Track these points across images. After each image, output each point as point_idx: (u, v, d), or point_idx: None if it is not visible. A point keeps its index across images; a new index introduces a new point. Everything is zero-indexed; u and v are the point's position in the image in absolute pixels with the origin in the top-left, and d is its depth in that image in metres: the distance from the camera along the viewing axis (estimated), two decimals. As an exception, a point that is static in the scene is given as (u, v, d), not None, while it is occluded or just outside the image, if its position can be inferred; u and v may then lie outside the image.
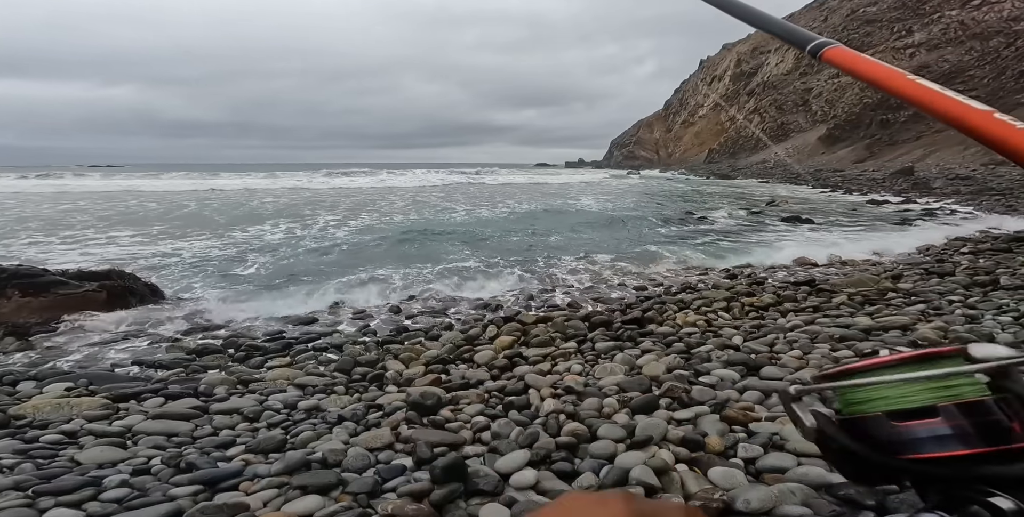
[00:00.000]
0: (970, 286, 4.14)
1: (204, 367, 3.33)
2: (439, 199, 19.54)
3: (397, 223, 11.32)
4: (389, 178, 35.11)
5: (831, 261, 6.13)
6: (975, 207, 10.22)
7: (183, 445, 2.14)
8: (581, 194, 21.51)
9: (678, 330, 3.33)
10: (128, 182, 28.88)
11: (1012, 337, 2.71)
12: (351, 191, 23.97)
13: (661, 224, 10.63)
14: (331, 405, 2.54)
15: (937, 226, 8.50)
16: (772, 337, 3.02)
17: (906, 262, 5.74)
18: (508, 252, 7.28)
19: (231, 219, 12.04)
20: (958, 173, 19.08)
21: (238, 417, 2.46)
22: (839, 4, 63.21)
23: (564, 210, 14.47)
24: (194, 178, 34.87)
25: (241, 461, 1.94)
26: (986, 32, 40.12)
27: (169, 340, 3.85)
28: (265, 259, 7.09)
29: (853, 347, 2.75)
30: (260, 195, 20.59)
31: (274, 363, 3.33)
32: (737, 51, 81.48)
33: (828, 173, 28.46)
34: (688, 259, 6.56)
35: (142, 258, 7.13)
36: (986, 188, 12.85)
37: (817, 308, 3.73)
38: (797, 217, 10.23)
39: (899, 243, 6.92)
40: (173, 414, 2.45)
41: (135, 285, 4.76)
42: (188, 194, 20.96)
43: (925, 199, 12.81)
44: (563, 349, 3.08)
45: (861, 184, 19.54)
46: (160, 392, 2.76)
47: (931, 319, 3.18)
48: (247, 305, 4.82)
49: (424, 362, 3.02)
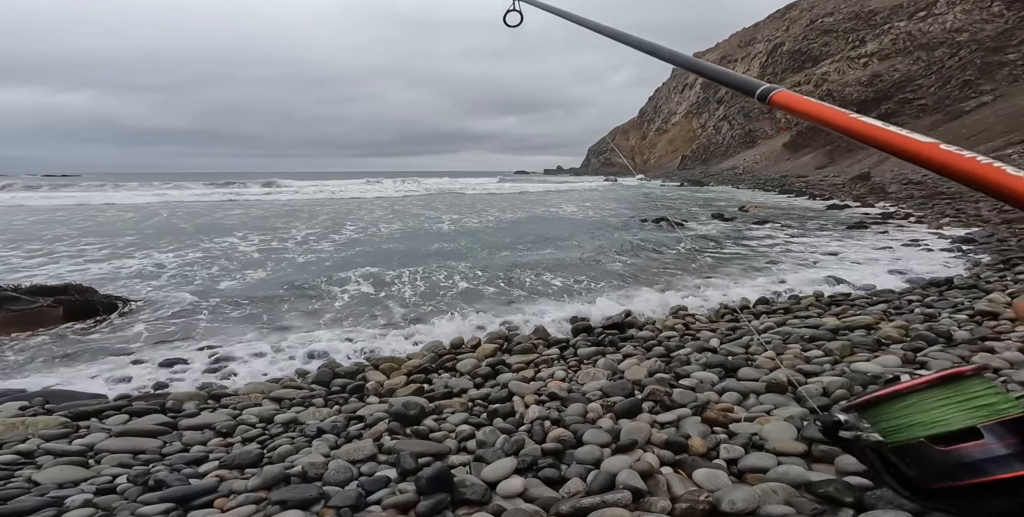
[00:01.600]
0: (927, 286, 4.37)
1: (171, 381, 3.20)
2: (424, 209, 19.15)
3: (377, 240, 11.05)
4: (367, 188, 31.57)
5: (801, 263, 6.37)
6: (928, 211, 10.82)
7: (151, 462, 2.06)
8: (563, 202, 21.51)
9: (658, 334, 3.39)
10: (84, 194, 24.71)
11: (968, 334, 2.87)
12: (322, 202, 22.17)
13: (639, 232, 10.82)
14: (310, 418, 2.47)
15: (893, 230, 8.96)
16: (747, 339, 3.11)
17: (873, 263, 6.02)
18: (496, 267, 7.12)
19: (198, 229, 11.54)
20: (911, 178, 20.18)
21: (210, 432, 2.37)
22: (799, 15, 66.41)
23: (548, 218, 14.44)
24: (157, 187, 31.26)
25: (215, 477, 1.88)
26: (931, 43, 42.79)
27: (132, 355, 3.68)
28: (239, 271, 6.85)
29: (823, 347, 2.86)
30: (227, 206, 19.63)
31: (246, 375, 3.22)
32: (707, 59, 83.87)
33: (793, 179, 29.68)
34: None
35: (102, 271, 6.79)
36: (936, 192, 13.63)
37: (788, 309, 3.87)
38: (767, 221, 10.64)
39: (859, 245, 7.25)
40: (139, 431, 2.35)
41: (94, 299, 4.53)
42: (151, 207, 19.10)
43: (882, 203, 13.50)
44: (546, 355, 3.09)
45: (823, 189, 20.42)
46: (123, 409, 2.64)
47: (893, 318, 3.34)
48: (218, 317, 4.66)
49: (406, 372, 2.98)
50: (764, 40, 70.53)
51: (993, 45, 36.16)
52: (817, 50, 56.52)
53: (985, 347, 2.58)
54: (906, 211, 11.29)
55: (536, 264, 7.04)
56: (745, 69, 70.17)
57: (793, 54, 60.09)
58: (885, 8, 51.38)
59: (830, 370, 2.52)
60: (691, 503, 1.43)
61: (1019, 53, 33.62)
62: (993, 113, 29.52)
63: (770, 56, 65.10)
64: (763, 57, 66.94)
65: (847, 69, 49.24)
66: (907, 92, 39.89)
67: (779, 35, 66.42)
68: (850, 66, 49.16)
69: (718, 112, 70.69)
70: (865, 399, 0.26)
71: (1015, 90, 31.41)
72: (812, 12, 62.87)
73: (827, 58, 53.85)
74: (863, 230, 9.04)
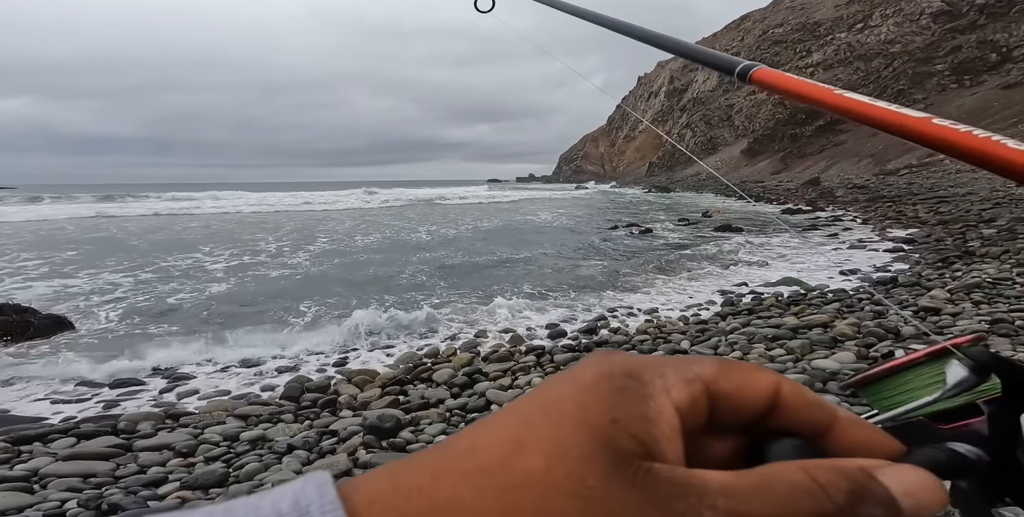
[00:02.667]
0: (874, 284, 4.67)
1: (123, 401, 3.01)
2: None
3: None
4: (331, 198, 27.71)
5: (759, 264, 6.67)
6: (872, 214, 11.57)
7: (103, 486, 1.95)
8: (539, 210, 21.36)
9: (631, 338, 3.46)
10: (20, 208, 21.85)
11: (913, 329, 3.08)
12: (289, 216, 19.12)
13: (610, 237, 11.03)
14: (279, 434, 2.38)
15: (842, 232, 9.52)
16: (715, 340, 3.23)
17: (823, 263, 6.38)
18: (468, 274, 7.07)
19: (153, 246, 10.67)
20: (856, 183, 21.57)
21: (169, 453, 2.26)
22: (753, 25, 70.00)
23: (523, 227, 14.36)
24: (100, 201, 27.21)
25: (176, 498, 1.81)
26: (868, 54, 46.02)
27: (77, 376, 3.43)
28: (195, 288, 6.37)
29: (785, 345, 3.00)
30: (184, 219, 18.17)
31: (208, 393, 3.07)
32: (670, 68, 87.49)
33: (751, 184, 31.07)
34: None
35: (47, 290, 6.28)
36: (879, 196, 14.60)
37: (751, 310, 4.04)
38: (728, 226, 11.08)
39: (812, 247, 7.66)
40: (88, 454, 2.22)
41: (34, 319, 4.22)
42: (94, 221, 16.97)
43: (831, 207, 14.32)
44: (523, 363, 3.10)
45: (779, 194, 21.49)
46: (71, 432, 2.48)
47: (846, 316, 3.55)
48: (174, 335, 4.41)
49: (380, 384, 2.91)
50: (722, 50, 73.35)
51: (923, 56, 39.17)
52: (769, 60, 59.20)
53: (930, 341, 2.76)
54: (853, 214, 12.01)
55: (512, 271, 7.07)
56: (705, 78, 73.18)
57: (747, 64, 63.10)
58: (828, 20, 54.88)
59: (792, 368, 2.64)
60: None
61: (946, 63, 36.55)
62: (925, 122, 31.91)
63: (727, 65, 68.10)
64: (720, 67, 69.97)
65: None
66: (850, 101, 42.56)
67: (735, 45, 69.72)
68: (798, 75, 52.13)
69: (681, 119, 73.34)
70: (863, 377, 0.25)
71: (944, 99, 34.12)
72: (764, 23, 66.42)
73: (778, 68, 56.79)
74: (815, 233, 9.56)
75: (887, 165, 27.11)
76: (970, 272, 4.49)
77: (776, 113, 50.37)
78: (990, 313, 3.17)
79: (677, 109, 78.08)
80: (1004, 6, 35.74)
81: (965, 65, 34.96)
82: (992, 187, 12.68)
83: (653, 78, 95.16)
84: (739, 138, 57.76)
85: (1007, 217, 7.37)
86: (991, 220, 7.46)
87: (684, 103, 76.15)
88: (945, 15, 41.28)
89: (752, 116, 56.89)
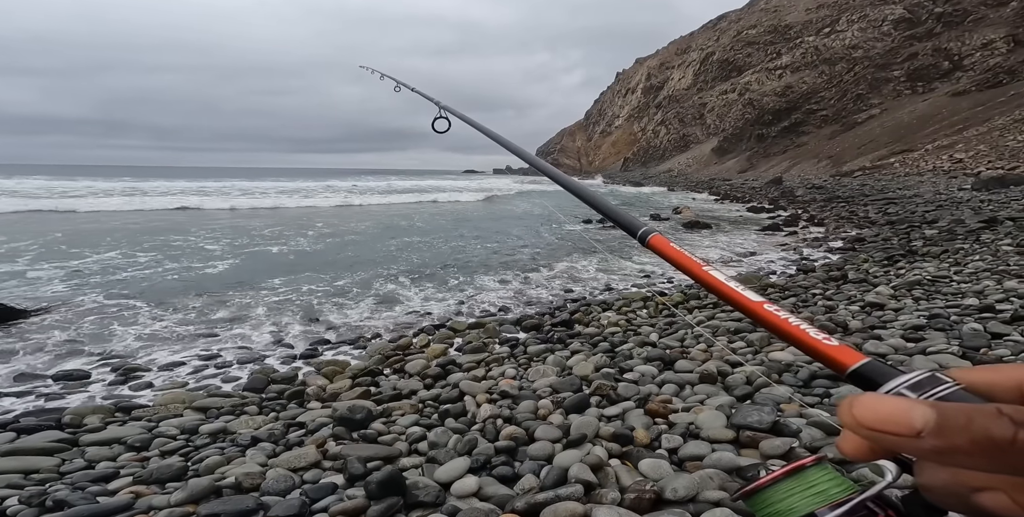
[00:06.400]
0: (827, 280, 4.91)
1: (68, 394, 2.83)
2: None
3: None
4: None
5: (724, 261, 6.90)
6: (828, 213, 12.17)
7: (47, 482, 1.86)
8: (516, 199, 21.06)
9: (603, 330, 3.52)
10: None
11: (860, 323, 3.27)
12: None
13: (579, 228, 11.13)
14: (242, 427, 2.30)
15: (800, 230, 9.98)
16: (682, 333, 3.33)
17: (780, 261, 6.66)
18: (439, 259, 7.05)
19: (102, 230, 10.03)
20: (814, 183, 22.61)
21: (120, 447, 2.15)
22: (728, 26, 71.31)
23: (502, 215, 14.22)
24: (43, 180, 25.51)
25: (130, 494, 1.73)
26: (833, 58, 47.81)
27: (15, 367, 3.20)
28: (147, 278, 6.06)
29: (745, 338, 3.13)
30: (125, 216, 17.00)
31: (164, 385, 2.93)
32: (648, 65, 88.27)
33: (719, 182, 31.99)
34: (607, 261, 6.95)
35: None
36: (835, 196, 15.38)
37: (716, 304, 4.18)
38: (697, 222, 11.38)
39: (773, 244, 7.99)
40: (29, 449, 2.10)
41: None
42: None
43: (792, 206, 14.97)
44: (496, 354, 3.10)
45: (744, 192, 22.25)
46: (9, 426, 2.33)
47: (800, 311, 3.73)
48: (127, 326, 4.17)
49: (350, 375, 2.85)
50: (698, 49, 74.96)
51: (882, 61, 41.05)
52: (742, 61, 61.13)
53: (874, 335, 2.95)
54: (811, 213, 12.58)
55: (485, 261, 7.05)
56: (681, 76, 74.24)
57: (722, 63, 64.50)
58: (799, 23, 56.58)
59: (752, 359, 2.76)
60: (638, 494, 1.50)
61: (902, 70, 38.46)
62: (879, 125, 33.71)
63: (703, 64, 69.41)
64: (696, 65, 71.20)
65: (765, 79, 53.79)
66: (812, 103, 44.37)
67: (711, 45, 70.98)
68: (768, 77, 53.75)
69: (656, 116, 74.34)
70: (747, 490, 0.31)
71: (897, 104, 35.99)
72: (739, 24, 67.79)
73: (750, 68, 58.46)
74: (776, 232, 9.97)
75: (843, 167, 28.48)
76: (912, 270, 4.79)
77: (745, 113, 51.86)
78: (928, 309, 3.39)
79: (653, 106, 79.06)
80: (960, 15, 37.77)
81: (920, 72, 36.88)
82: (936, 190, 13.59)
83: (631, 74, 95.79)
84: (710, 136, 59.16)
85: (947, 219, 7.90)
86: (934, 221, 7.97)
87: (660, 100, 77.14)
88: (906, 22, 43.28)
89: (723, 115, 58.32)
